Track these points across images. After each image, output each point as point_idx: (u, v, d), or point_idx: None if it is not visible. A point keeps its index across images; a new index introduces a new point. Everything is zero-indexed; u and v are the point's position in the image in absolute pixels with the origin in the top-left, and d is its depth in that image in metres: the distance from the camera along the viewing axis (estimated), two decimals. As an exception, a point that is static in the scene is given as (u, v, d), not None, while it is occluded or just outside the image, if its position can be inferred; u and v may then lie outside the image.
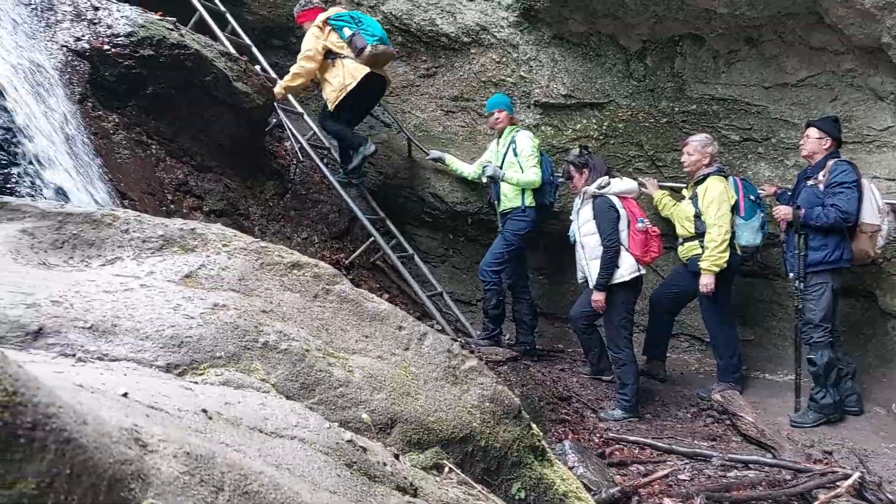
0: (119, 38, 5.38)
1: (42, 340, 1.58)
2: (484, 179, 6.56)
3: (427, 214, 7.60)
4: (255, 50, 7.08)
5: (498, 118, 6.45)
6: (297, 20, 6.78)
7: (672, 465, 4.64)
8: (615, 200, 5.72)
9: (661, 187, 6.52)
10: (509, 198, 6.35)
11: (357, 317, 2.20)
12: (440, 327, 6.15)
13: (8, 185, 4.14)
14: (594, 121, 6.91)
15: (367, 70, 6.21)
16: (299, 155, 6.90)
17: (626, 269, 5.64)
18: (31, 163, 4.30)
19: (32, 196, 4.17)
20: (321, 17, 6.40)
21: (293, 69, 6.41)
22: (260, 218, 5.98)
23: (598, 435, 5.35)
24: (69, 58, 5.17)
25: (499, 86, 7.08)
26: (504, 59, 7.01)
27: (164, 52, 5.47)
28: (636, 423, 5.61)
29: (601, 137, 6.90)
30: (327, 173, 6.59)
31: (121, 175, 4.92)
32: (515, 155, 6.30)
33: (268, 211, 6.14)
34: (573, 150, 6.45)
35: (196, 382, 1.63)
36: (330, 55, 6.31)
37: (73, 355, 1.57)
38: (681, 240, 6.05)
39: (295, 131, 6.79)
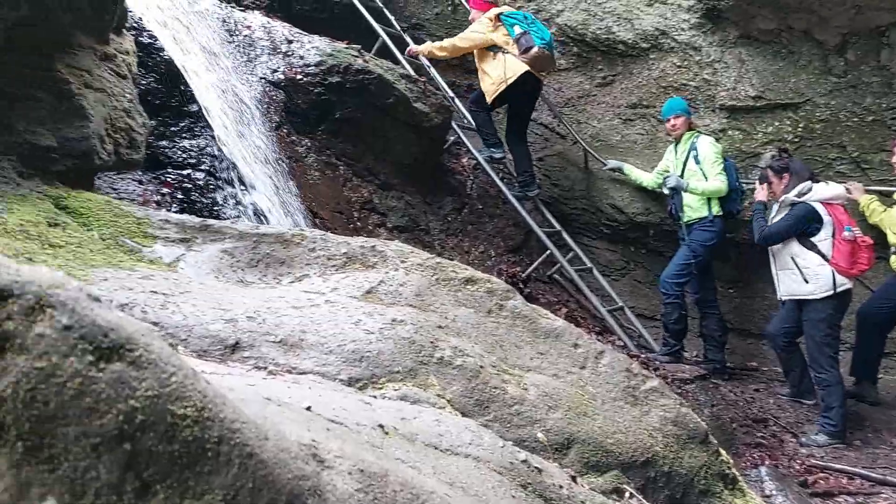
0: (310, 68, 5.78)
1: (238, 353, 1.70)
2: (665, 191, 6.26)
3: (605, 226, 7.41)
4: (433, 71, 7.30)
5: (675, 124, 6.16)
6: (470, 3, 6.94)
7: (887, 497, 4.16)
8: (819, 207, 5.26)
9: (867, 191, 5.89)
10: (694, 208, 6.02)
11: (531, 333, 2.17)
12: (622, 343, 5.96)
13: (216, 207, 4.58)
14: (788, 123, 6.39)
15: (526, 68, 6.22)
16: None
17: (822, 284, 5.15)
18: (235, 186, 4.73)
19: (238, 217, 4.58)
20: (494, 11, 6.52)
21: (446, 41, 6.63)
22: (439, 233, 6.14)
23: (798, 462, 4.92)
24: (267, 88, 5.64)
25: (680, 90, 6.77)
26: (686, 63, 6.70)
27: (350, 77, 5.80)
28: (843, 450, 5.08)
29: (796, 140, 6.37)
30: (503, 188, 6.63)
31: (312, 195, 5.27)
32: (697, 162, 5.96)
33: (446, 226, 6.30)
34: (766, 154, 6.00)
35: (375, 397, 1.68)
36: (494, 48, 6.40)
37: (265, 368, 1.68)
38: (893, 248, 5.43)
39: (472, 148, 6.90)
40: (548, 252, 6.46)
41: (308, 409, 1.33)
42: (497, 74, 6.28)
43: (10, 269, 0.77)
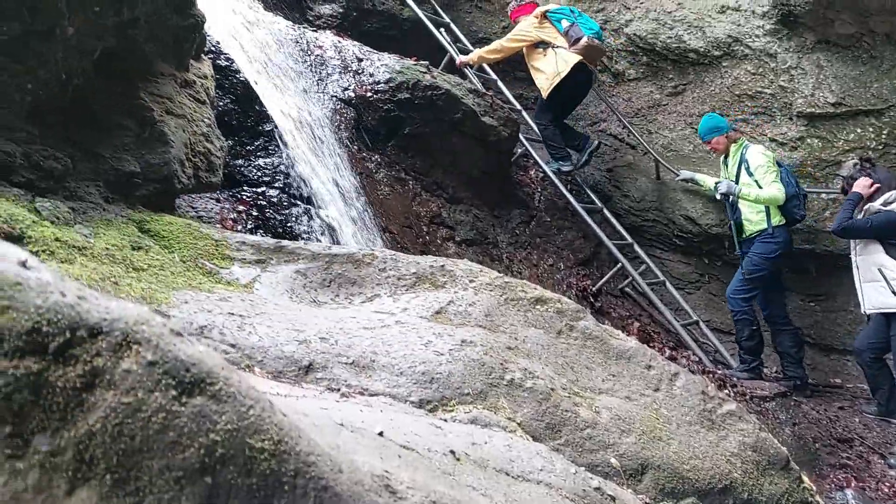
0: (380, 85, 5.87)
1: (312, 375, 1.73)
2: (717, 196, 6.06)
3: (679, 238, 7.23)
4: (500, 84, 7.31)
5: (715, 147, 6.09)
6: (511, 16, 7.06)
7: None
8: None
9: None
10: (753, 221, 5.82)
11: (602, 354, 2.13)
12: (697, 358, 5.80)
13: (289, 224, 4.69)
14: (871, 130, 6.12)
15: (579, 58, 6.29)
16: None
17: None
18: (307, 203, 4.84)
19: (308, 233, 4.68)
20: (540, 9, 6.64)
21: (495, 43, 6.73)
22: (507, 246, 6.11)
23: (887, 484, 4.68)
24: (338, 106, 5.74)
25: (755, 98, 6.58)
26: (760, 70, 6.50)
27: (419, 93, 5.86)
28: (936, 475, 4.81)
29: (880, 147, 6.09)
30: (571, 199, 6.57)
31: (382, 210, 5.34)
32: (750, 174, 5.76)
33: (514, 239, 6.27)
34: (849, 162, 5.76)
35: (445, 420, 1.68)
36: (543, 45, 6.49)
37: (338, 390, 1.70)
38: None
39: (540, 160, 6.87)
40: (619, 265, 6.35)
41: (380, 434, 1.34)
42: (550, 69, 6.38)
43: (99, 306, 0.80)
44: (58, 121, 2.18)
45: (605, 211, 6.88)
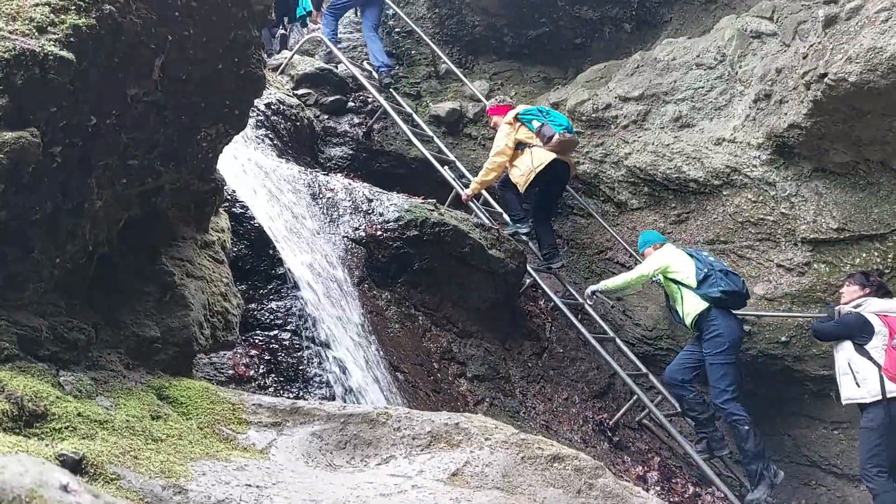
0: (389, 224, 6.04)
1: (328, 551, 1.70)
2: (589, 302, 6.62)
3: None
4: (506, 216, 7.50)
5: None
6: (488, 113, 7.57)
7: None
8: (872, 318, 5.39)
9: None
10: (684, 313, 6.05)
11: (624, 515, 2.09)
12: (722, 494, 5.61)
13: (300, 367, 4.70)
14: (876, 254, 6.19)
15: (553, 155, 6.65)
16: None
17: (871, 388, 5.23)
18: (319, 345, 4.87)
19: (320, 376, 4.68)
20: (511, 113, 7.04)
21: (487, 165, 7.05)
22: (520, 380, 6.07)
23: None
24: (349, 246, 5.89)
25: (758, 225, 6.71)
26: (761, 198, 6.67)
27: (427, 230, 6.02)
28: None
29: (888, 271, 6.14)
30: (582, 330, 6.58)
31: (393, 349, 5.35)
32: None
33: (527, 372, 6.23)
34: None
35: None
36: (519, 146, 6.87)
37: (355, 567, 1.66)
38: None
39: (548, 290, 6.93)
40: (634, 397, 6.27)
41: None
42: (526, 166, 6.75)
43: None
44: (82, 289, 2.26)
45: (618, 340, 6.86)
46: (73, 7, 1.95)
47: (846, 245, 6.31)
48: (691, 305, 5.91)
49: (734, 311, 6.01)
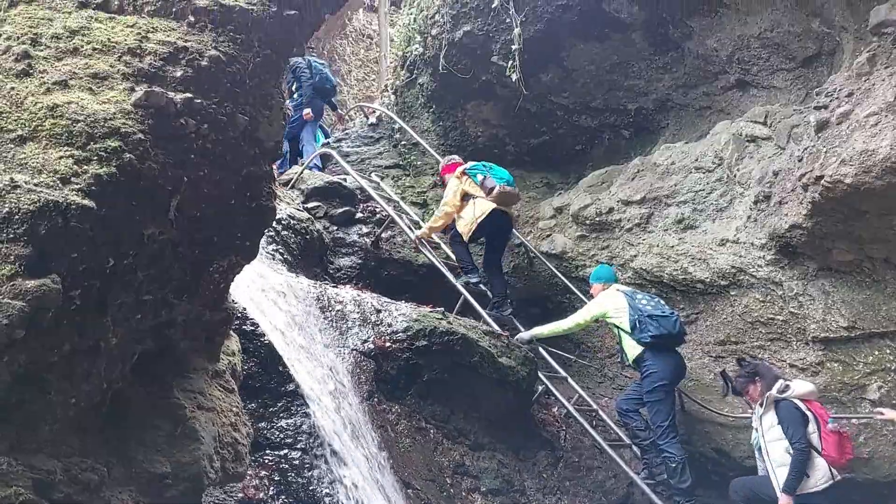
0: (398, 334, 6.04)
1: None
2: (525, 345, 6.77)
3: (714, 473, 6.95)
4: (516, 321, 7.49)
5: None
6: (441, 172, 8.09)
7: None
8: (800, 403, 5.36)
9: None
10: (626, 353, 6.36)
11: None
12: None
13: (311, 487, 4.61)
14: (888, 351, 6.13)
15: (493, 205, 7.08)
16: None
17: (821, 476, 5.15)
18: (329, 463, 4.79)
19: (331, 496, 4.58)
20: (459, 169, 7.53)
21: (436, 214, 7.54)
22: (536, 493, 5.91)
23: None
24: (358, 359, 5.87)
25: (768, 325, 6.67)
26: (769, 298, 6.66)
27: (436, 340, 6.00)
28: None
29: (904, 369, 6.07)
30: (597, 438, 6.44)
31: (404, 464, 5.25)
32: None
33: (542, 483, 6.07)
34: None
35: None
36: (466, 197, 7.30)
37: None
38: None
39: (561, 397, 6.83)
40: (654, 507, 6.06)
41: None
42: (469, 216, 7.20)
43: None
44: (96, 427, 2.26)
45: (634, 447, 6.70)
46: (96, 158, 2.05)
47: (858, 343, 6.26)
48: (629, 348, 6.28)
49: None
